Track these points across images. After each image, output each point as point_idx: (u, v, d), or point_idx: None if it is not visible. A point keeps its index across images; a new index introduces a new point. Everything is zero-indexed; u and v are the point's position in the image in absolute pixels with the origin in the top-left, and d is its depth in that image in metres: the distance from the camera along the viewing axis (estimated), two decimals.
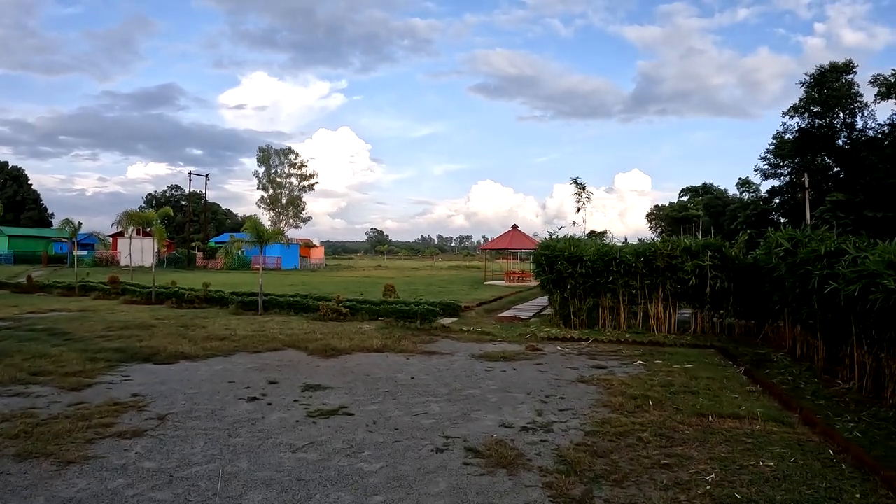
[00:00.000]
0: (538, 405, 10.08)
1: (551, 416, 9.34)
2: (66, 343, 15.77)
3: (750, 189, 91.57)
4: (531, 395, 10.74)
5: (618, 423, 8.86)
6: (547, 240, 22.66)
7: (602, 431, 8.46)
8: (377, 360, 14.17)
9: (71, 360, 13.23)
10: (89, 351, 14.49)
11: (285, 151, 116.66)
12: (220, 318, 21.77)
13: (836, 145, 67.39)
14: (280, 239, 24.89)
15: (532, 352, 15.52)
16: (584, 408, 9.86)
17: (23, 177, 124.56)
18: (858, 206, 56.58)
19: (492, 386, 11.49)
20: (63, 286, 34.27)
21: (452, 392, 10.94)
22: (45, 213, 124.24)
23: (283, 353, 15.13)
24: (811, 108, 66.64)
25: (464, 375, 12.44)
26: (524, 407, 9.94)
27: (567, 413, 9.58)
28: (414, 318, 20.50)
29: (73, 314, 22.79)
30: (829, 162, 69.40)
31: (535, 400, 10.45)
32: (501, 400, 10.39)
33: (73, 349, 14.71)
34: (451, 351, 15.50)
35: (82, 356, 13.77)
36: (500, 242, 55.63)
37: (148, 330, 18.26)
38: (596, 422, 8.96)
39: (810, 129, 67.51)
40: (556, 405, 10.09)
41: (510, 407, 9.93)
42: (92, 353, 14.27)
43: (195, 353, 14.53)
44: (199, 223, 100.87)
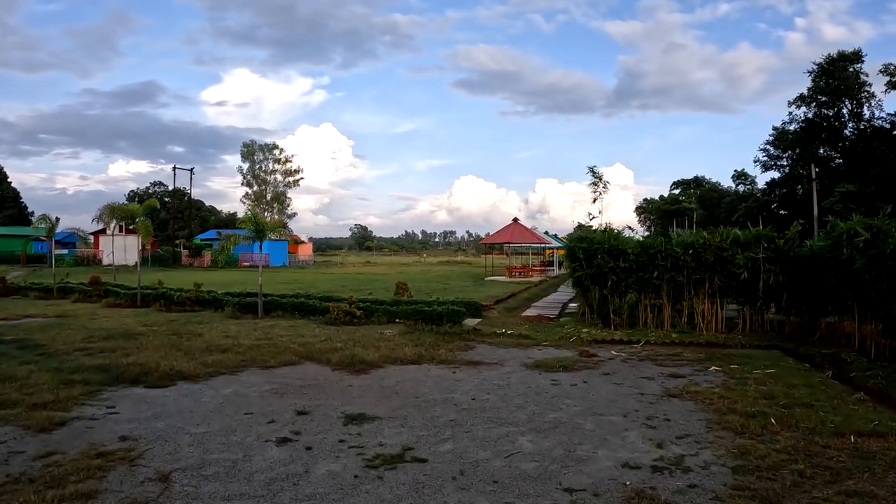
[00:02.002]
0: (646, 432, 8.43)
1: (674, 448, 7.71)
2: (39, 359, 13.17)
3: (746, 181, 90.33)
4: (628, 418, 9.10)
5: (757, 451, 7.41)
6: (580, 231, 20.79)
7: (749, 466, 7.01)
8: (418, 374, 12.19)
9: (42, 385, 10.60)
10: (65, 370, 11.87)
11: (269, 147, 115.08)
12: (217, 323, 19.22)
13: (842, 136, 65.53)
14: (283, 233, 22.24)
15: (588, 358, 13.94)
16: (701, 432, 8.37)
17: (2, 174, 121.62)
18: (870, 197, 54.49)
19: (574, 407, 9.76)
20: (40, 288, 31.68)
21: (532, 418, 9.09)
22: (25, 212, 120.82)
23: (301, 367, 12.79)
24: (818, 98, 64.61)
25: (532, 393, 10.66)
26: (632, 435, 8.24)
27: (688, 441, 7.98)
28: (438, 321, 18.33)
29: (50, 321, 20.10)
30: (832, 153, 67.51)
31: (637, 424, 8.80)
32: (598, 426, 8.68)
33: (46, 368, 12.10)
34: (496, 360, 13.76)
35: (56, 378, 11.15)
36: (500, 236, 53.51)
37: (135, 340, 15.68)
38: (731, 452, 7.47)
39: (816, 119, 65.52)
40: (668, 431, 8.47)
41: (615, 436, 8.21)
42: (68, 372, 11.67)
43: (195, 372, 11.94)
44: (184, 220, 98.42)
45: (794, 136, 67.72)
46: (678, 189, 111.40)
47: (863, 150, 61.19)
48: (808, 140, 66.42)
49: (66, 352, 14.02)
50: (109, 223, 29.57)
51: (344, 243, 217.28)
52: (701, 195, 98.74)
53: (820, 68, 64.11)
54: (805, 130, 66.53)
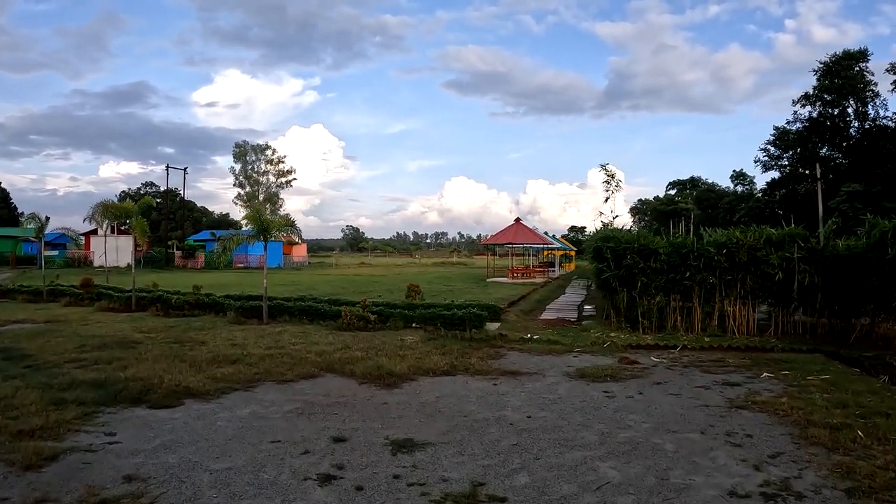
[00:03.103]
0: (733, 451, 7.53)
1: (773, 469, 6.87)
2: (26, 372, 11.70)
3: (744, 182, 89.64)
4: (707, 435, 8.17)
5: (861, 470, 6.68)
6: (604, 230, 19.80)
7: (861, 487, 6.26)
8: (455, 387, 10.93)
9: (29, 406, 9.14)
10: (56, 386, 10.38)
11: (262, 147, 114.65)
12: (220, 329, 17.75)
13: (845, 135, 64.66)
14: (291, 232, 20.78)
15: (629, 365, 12.94)
16: (791, 448, 7.57)
17: None
18: (876, 197, 53.60)
19: (643, 423, 8.73)
20: (29, 291, 30.15)
21: (604, 438, 8.05)
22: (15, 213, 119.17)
23: (323, 381, 11.38)
24: (823, 97, 63.71)
25: (589, 408, 9.60)
26: (721, 456, 7.34)
27: (784, 461, 7.15)
28: (460, 326, 16.99)
29: (39, 327, 18.60)
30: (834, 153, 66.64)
31: (720, 442, 7.88)
32: (679, 446, 7.71)
33: (34, 383, 10.61)
34: (534, 368, 12.63)
35: (46, 396, 9.68)
36: (503, 237, 52.22)
37: (133, 349, 14.21)
38: (835, 472, 6.70)
39: (821, 118, 64.63)
40: (755, 449, 7.61)
41: (703, 458, 7.28)
42: (59, 389, 10.19)
43: (204, 388, 10.45)
44: (176, 221, 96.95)
45: (796, 136, 66.84)
46: (674, 189, 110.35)
47: (868, 150, 60.37)
48: (811, 139, 65.52)
49: (57, 363, 12.57)
50: (102, 223, 28.14)
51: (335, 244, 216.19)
52: (698, 195, 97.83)
53: (825, 67, 63.21)
54: (808, 130, 65.71)
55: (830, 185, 58.60)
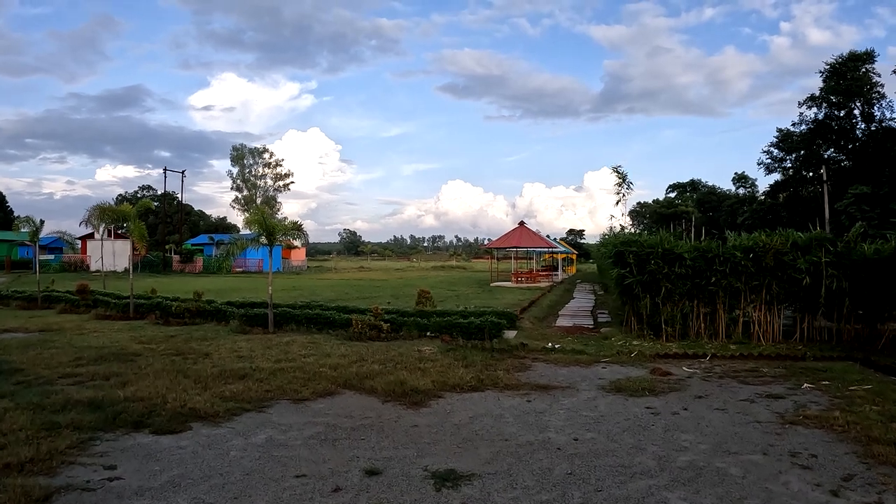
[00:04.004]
0: (803, 474, 6.98)
1: (851, 495, 6.33)
2: (16, 390, 10.70)
3: (746, 184, 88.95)
4: (770, 456, 7.57)
5: None
6: (625, 234, 19.12)
7: None
8: (487, 405, 10.11)
9: (17, 431, 8.14)
10: (48, 407, 9.39)
11: (259, 151, 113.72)
12: (224, 339, 16.74)
13: (850, 136, 63.87)
14: (297, 236, 19.76)
15: (664, 377, 12.31)
16: (861, 469, 7.07)
17: None
18: (884, 199, 52.82)
19: (699, 444, 8.06)
20: (23, 297, 29.21)
21: (662, 463, 7.35)
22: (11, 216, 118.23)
23: (342, 399, 10.43)
24: (830, 98, 62.91)
25: (637, 427, 8.88)
26: (792, 480, 6.77)
27: (860, 484, 6.63)
28: (478, 335, 16.26)
29: (31, 336, 17.61)
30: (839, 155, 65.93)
31: (786, 464, 7.31)
32: (745, 470, 7.10)
33: (24, 403, 9.62)
34: (565, 382, 11.93)
35: (37, 420, 8.69)
36: (507, 240, 51.31)
37: (132, 362, 13.23)
38: None
39: (827, 119, 63.86)
40: (825, 471, 7.05)
41: (775, 483, 6.69)
42: (52, 411, 9.21)
43: (212, 409, 9.43)
44: (174, 224, 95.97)
45: (800, 138, 66.04)
46: (674, 192, 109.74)
47: (874, 152, 59.54)
48: (815, 141, 64.74)
49: (50, 379, 11.58)
50: (98, 226, 27.17)
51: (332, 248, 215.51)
52: (700, 198, 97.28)
53: (831, 68, 62.39)
54: (813, 132, 64.88)
55: (835, 187, 57.92)
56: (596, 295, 37.06)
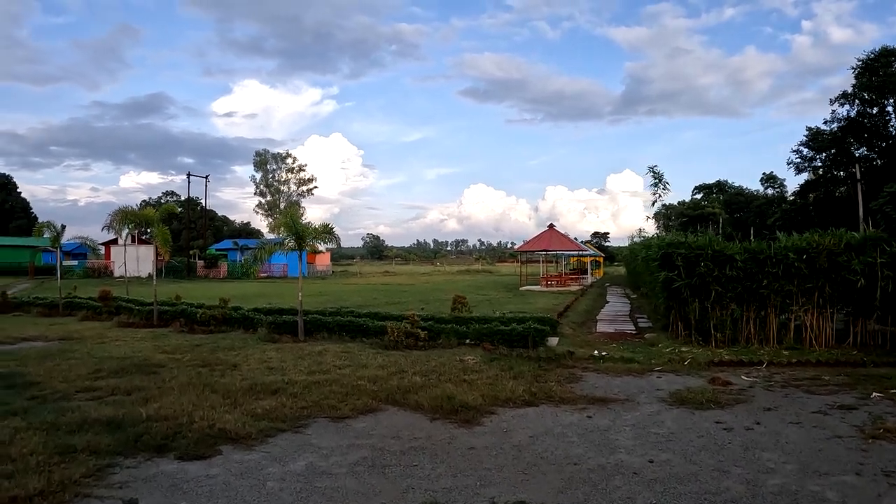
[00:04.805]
0: None
1: None
2: (29, 406, 9.84)
3: (775, 184, 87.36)
4: (865, 477, 6.89)
5: None
6: (670, 235, 18.19)
7: None
8: (545, 422, 9.23)
9: (28, 456, 7.28)
10: (63, 427, 8.50)
11: (282, 156, 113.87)
12: (252, 348, 15.84)
13: (883, 134, 62.35)
14: (329, 240, 18.84)
15: (724, 387, 11.53)
16: None
17: (11, 184, 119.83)
18: None
19: (784, 464, 7.35)
20: (44, 304, 28.48)
21: (753, 488, 6.59)
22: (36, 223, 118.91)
23: (386, 417, 9.52)
24: (862, 95, 61.45)
25: (712, 445, 8.08)
26: None
27: None
28: (521, 342, 15.42)
29: (51, 346, 16.79)
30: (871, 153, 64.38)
31: (884, 486, 6.62)
32: (844, 495, 6.38)
33: (37, 423, 8.74)
34: (622, 394, 11.05)
35: (50, 442, 7.81)
36: (536, 243, 50.52)
37: (155, 374, 12.35)
38: None
39: (859, 117, 62.43)
40: None
41: None
42: (67, 431, 8.33)
43: (243, 429, 8.49)
44: (198, 230, 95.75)
45: (830, 136, 64.54)
46: (700, 194, 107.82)
47: None
48: (846, 140, 63.28)
49: (67, 394, 10.72)
50: (121, 230, 26.43)
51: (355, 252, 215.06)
52: (727, 199, 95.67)
53: (863, 64, 60.96)
54: (844, 130, 63.41)
55: (868, 186, 56.55)
56: (629, 298, 36.03)
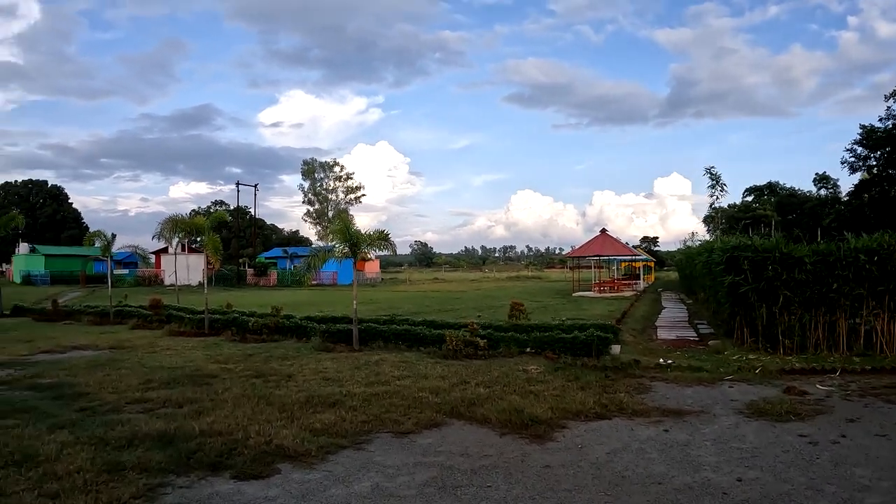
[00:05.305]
0: None
1: None
2: (78, 419, 9.42)
3: (828, 185, 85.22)
4: None
5: None
6: (731, 238, 18.28)
7: None
8: (621, 437, 8.62)
9: (74, 473, 6.82)
10: (112, 442, 8.03)
11: (329, 165, 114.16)
12: (306, 357, 15.32)
13: None
14: (384, 247, 18.28)
15: (800, 397, 10.87)
16: None
17: (63, 195, 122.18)
18: None
19: (879, 481, 6.79)
20: (95, 312, 28.46)
21: None
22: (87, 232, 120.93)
23: (452, 431, 8.91)
24: None
25: (799, 460, 7.53)
26: None
27: None
28: (584, 351, 14.71)
29: (101, 355, 16.47)
30: None
31: None
32: None
33: (86, 437, 8.29)
34: (696, 406, 10.40)
35: (98, 459, 7.33)
36: (589, 249, 49.82)
37: (208, 386, 11.87)
38: None
39: None
40: None
41: None
42: (116, 446, 7.85)
43: (302, 446, 7.92)
44: (247, 238, 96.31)
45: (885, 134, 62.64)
46: (751, 196, 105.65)
47: None
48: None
49: (117, 406, 10.29)
50: (171, 239, 26.25)
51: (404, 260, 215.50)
52: (779, 201, 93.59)
53: None
54: None
55: None
56: (685, 304, 35.10)
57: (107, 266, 33.37)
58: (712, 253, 19.62)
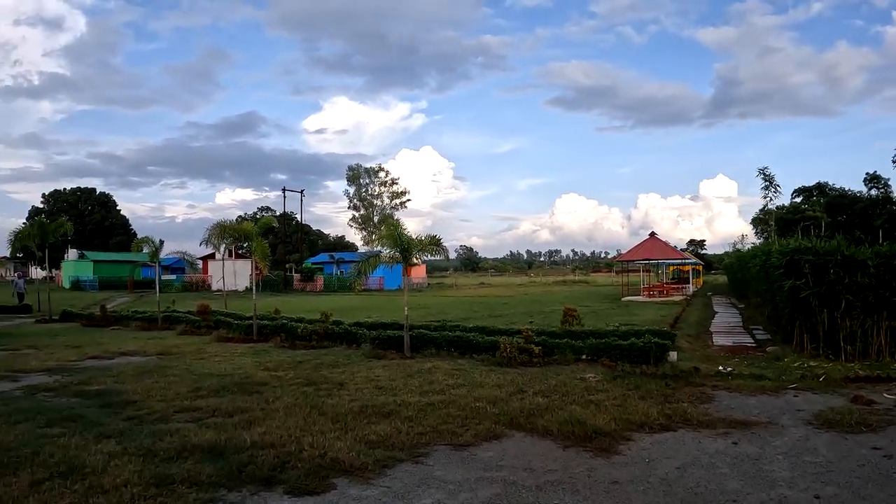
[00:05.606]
0: None
1: None
2: (125, 428, 9.15)
3: (879, 184, 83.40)
4: None
5: None
6: (790, 241, 18.08)
7: None
8: (688, 450, 8.13)
9: (120, 487, 6.50)
10: (161, 453, 7.72)
11: (374, 170, 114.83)
12: (356, 365, 14.99)
13: None
14: (436, 252, 17.92)
15: (868, 406, 10.35)
16: None
17: (111, 203, 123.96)
18: None
19: None
20: (144, 317, 28.57)
21: None
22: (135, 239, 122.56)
23: (512, 444, 8.44)
24: None
25: (877, 476, 7.01)
26: None
27: None
28: (642, 358, 14.23)
29: (149, 361, 16.30)
30: None
31: None
32: None
33: (133, 448, 7.98)
34: (762, 416, 9.85)
35: (146, 471, 7.03)
36: (638, 253, 49.35)
37: (258, 394, 11.55)
38: None
39: None
40: None
41: None
42: (164, 458, 7.55)
43: (358, 459, 7.53)
44: (293, 243, 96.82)
45: None
46: (799, 197, 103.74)
47: None
48: None
49: (165, 415, 10.01)
50: (219, 245, 26.15)
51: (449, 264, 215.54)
52: (829, 202, 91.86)
53: None
54: None
55: None
56: (737, 308, 34.35)
57: (154, 272, 33.39)
58: (770, 256, 18.97)
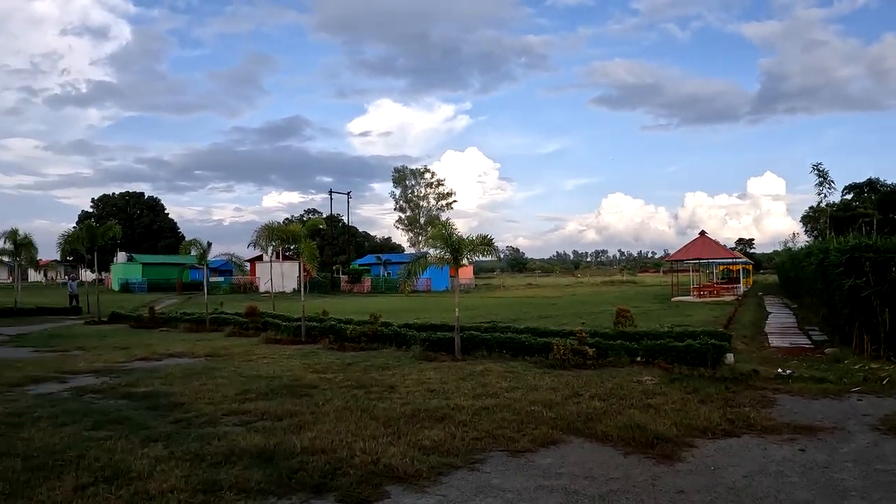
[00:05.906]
0: None
1: None
2: (172, 431, 8.97)
3: None
4: None
5: None
6: (850, 238, 17.17)
7: None
8: (755, 457, 7.78)
9: (167, 493, 6.29)
10: (208, 458, 7.50)
11: (420, 172, 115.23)
12: (407, 367, 14.72)
13: None
14: (488, 252, 17.57)
15: None
16: None
17: (159, 206, 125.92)
18: None
19: None
20: (191, 319, 28.71)
21: None
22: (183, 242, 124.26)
23: (571, 450, 8.11)
24: None
25: None
26: None
27: None
28: (699, 360, 13.83)
29: (196, 363, 16.20)
30: None
31: None
32: None
33: (180, 452, 7.77)
34: (827, 421, 9.41)
35: (193, 477, 6.81)
36: (688, 252, 48.69)
37: (307, 397, 11.32)
38: None
39: None
40: None
41: None
42: (212, 464, 7.32)
43: (412, 466, 7.22)
44: (340, 245, 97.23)
45: None
46: (850, 194, 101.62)
47: None
48: None
49: (213, 418, 9.80)
50: (266, 247, 26.15)
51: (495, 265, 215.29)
52: (880, 198, 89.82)
53: None
54: None
55: None
56: (790, 308, 33.76)
57: (202, 274, 33.49)
58: (828, 254, 18.39)
